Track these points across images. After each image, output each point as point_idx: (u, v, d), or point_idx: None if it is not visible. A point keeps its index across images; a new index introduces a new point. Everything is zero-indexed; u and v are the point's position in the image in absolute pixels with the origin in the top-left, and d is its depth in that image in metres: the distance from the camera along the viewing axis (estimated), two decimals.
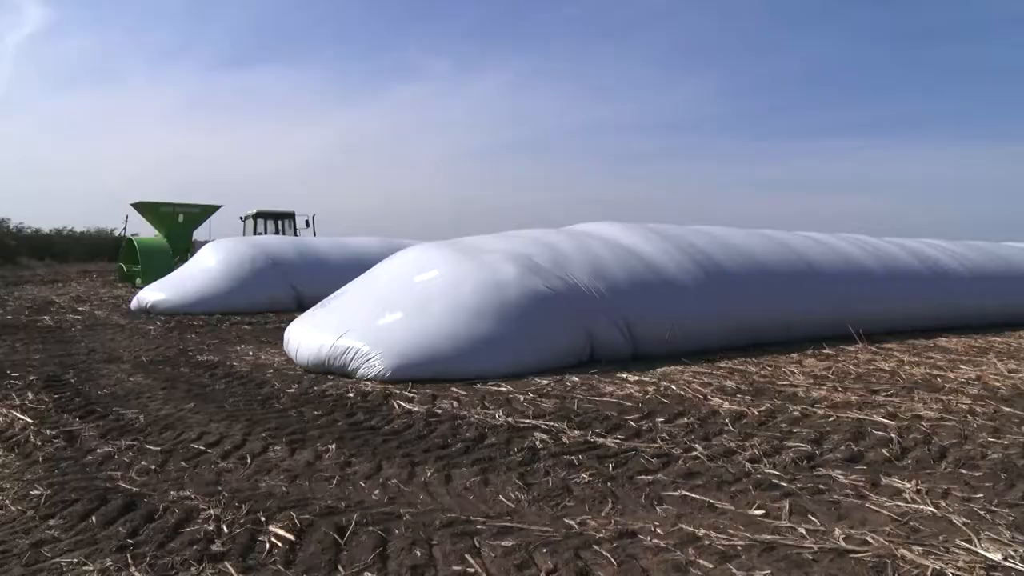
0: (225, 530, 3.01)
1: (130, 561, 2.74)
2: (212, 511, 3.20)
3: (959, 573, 2.67)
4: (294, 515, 3.16)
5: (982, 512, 3.33)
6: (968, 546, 2.92)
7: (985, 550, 2.87)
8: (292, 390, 5.93)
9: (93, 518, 3.16)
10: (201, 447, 4.27)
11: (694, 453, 4.18)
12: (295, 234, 24.66)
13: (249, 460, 4.04)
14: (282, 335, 7.97)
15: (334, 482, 3.69)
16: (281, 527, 3.04)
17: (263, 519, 3.13)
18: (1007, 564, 2.75)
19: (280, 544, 2.89)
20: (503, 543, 2.92)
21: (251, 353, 8.00)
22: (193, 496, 3.42)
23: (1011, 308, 11.71)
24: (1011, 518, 3.26)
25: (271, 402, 5.50)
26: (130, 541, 2.91)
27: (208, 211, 23.43)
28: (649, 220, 9.57)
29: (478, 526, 3.10)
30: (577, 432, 4.60)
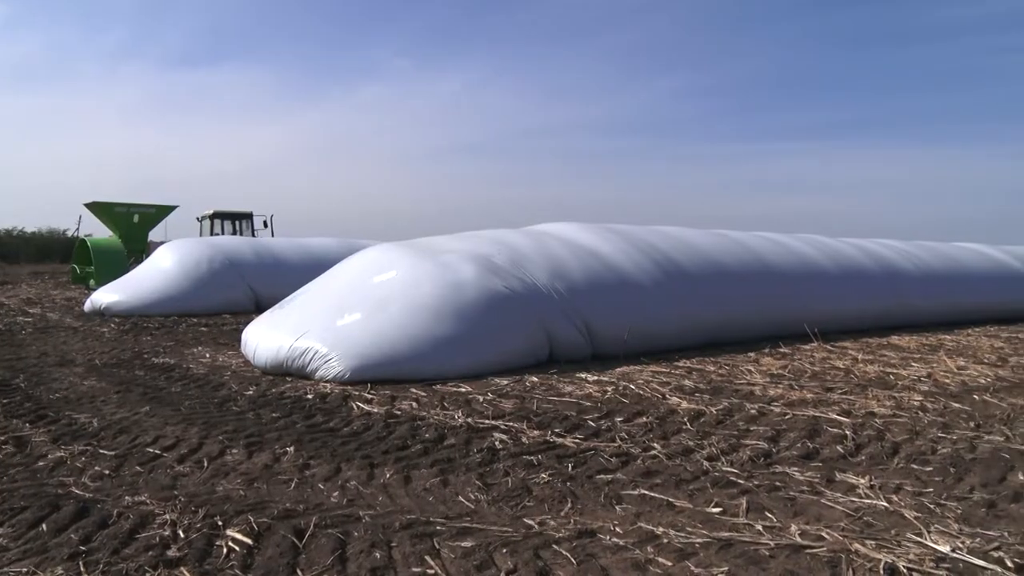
0: (181, 535, 2.97)
1: (82, 569, 2.69)
2: (168, 516, 3.16)
3: (910, 565, 2.73)
4: (252, 519, 3.13)
5: (932, 506, 3.41)
6: (919, 539, 2.98)
7: (935, 543, 2.94)
8: (250, 392, 5.87)
9: (43, 525, 3.10)
10: (157, 451, 4.21)
11: (653, 452, 4.22)
12: (253, 235, 24.44)
13: (206, 464, 3.99)
14: (240, 337, 7.89)
15: (292, 485, 3.66)
16: (238, 531, 3.01)
17: (220, 523, 3.09)
18: (955, 556, 2.83)
19: (237, 548, 2.86)
20: (463, 544, 2.92)
21: (208, 355, 7.90)
22: (148, 501, 3.37)
23: (960, 307, 11.97)
24: (959, 511, 3.34)
25: (228, 404, 5.44)
26: (82, 548, 2.86)
27: (164, 211, 23.14)
28: (609, 220, 9.63)
29: (438, 527, 3.10)
30: (536, 432, 4.61)
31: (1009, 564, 2.77)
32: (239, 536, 2.96)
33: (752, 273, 9.22)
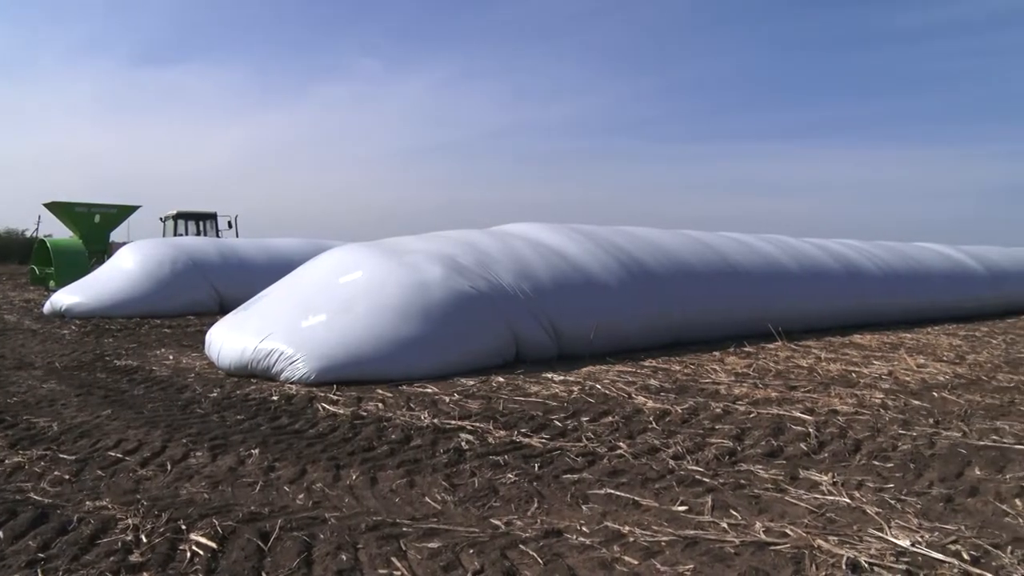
0: (144, 540, 2.93)
1: None
2: (130, 520, 3.11)
3: (871, 560, 2.77)
4: (216, 522, 3.10)
5: (893, 501, 3.46)
6: (880, 534, 3.03)
7: (895, 537, 2.99)
8: (214, 394, 5.81)
9: (0, 532, 3.04)
10: (118, 455, 4.15)
11: (619, 451, 4.24)
12: (217, 235, 24.18)
13: (169, 467, 3.94)
14: (203, 338, 7.80)
15: (257, 487, 3.63)
16: (203, 535, 2.98)
17: (184, 527, 3.05)
18: (914, 550, 2.88)
19: (202, 552, 2.83)
20: (429, 545, 2.92)
21: (171, 357, 7.81)
22: (110, 506, 3.32)
23: (920, 305, 12.19)
24: (919, 506, 3.40)
25: (192, 407, 5.38)
26: (41, 555, 2.81)
27: (126, 211, 22.81)
28: (575, 221, 9.66)
29: (404, 528, 3.09)
30: (503, 432, 4.61)
31: (966, 557, 2.83)
32: (203, 540, 2.93)
33: (717, 273, 9.30)
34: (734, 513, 3.31)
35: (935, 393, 5.99)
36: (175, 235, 23.56)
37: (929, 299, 12.45)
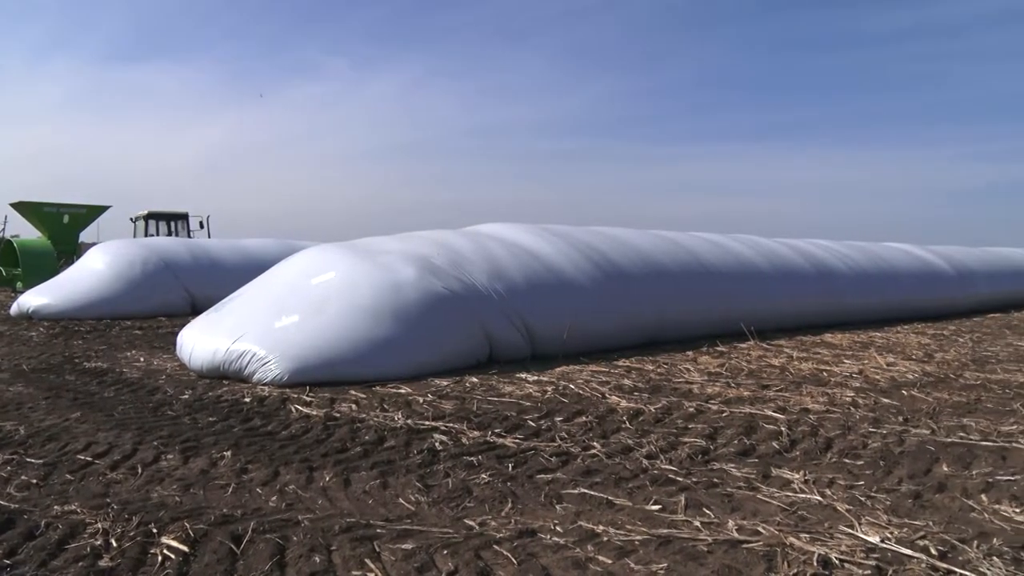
0: (114, 544, 2.90)
1: None
2: (100, 525, 3.08)
3: (842, 557, 2.80)
4: (188, 525, 3.07)
5: (863, 498, 3.50)
6: (850, 531, 3.07)
7: (865, 534, 3.03)
8: (185, 396, 5.75)
9: None
10: (88, 458, 4.10)
11: (592, 451, 4.25)
12: (188, 236, 23.92)
13: (140, 470, 3.90)
14: (175, 340, 7.73)
15: (230, 490, 3.60)
16: (174, 538, 2.95)
17: (155, 531, 3.02)
18: (883, 546, 2.92)
19: (173, 556, 2.81)
20: (403, 546, 2.91)
21: (142, 359, 7.73)
22: (79, 510, 3.28)
23: (890, 305, 12.34)
24: (888, 503, 3.45)
25: (163, 409, 5.33)
26: (7, 562, 2.77)
27: (95, 212, 22.55)
28: (547, 221, 9.67)
29: (378, 530, 3.08)
30: (477, 433, 4.61)
31: (933, 552, 2.87)
32: (174, 543, 2.90)
33: (690, 273, 9.34)
34: (707, 512, 3.33)
35: (904, 391, 6.06)
36: (146, 235, 23.29)
37: (898, 298, 12.60)
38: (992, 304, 14.93)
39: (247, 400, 5.56)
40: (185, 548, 2.87)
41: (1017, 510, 3.39)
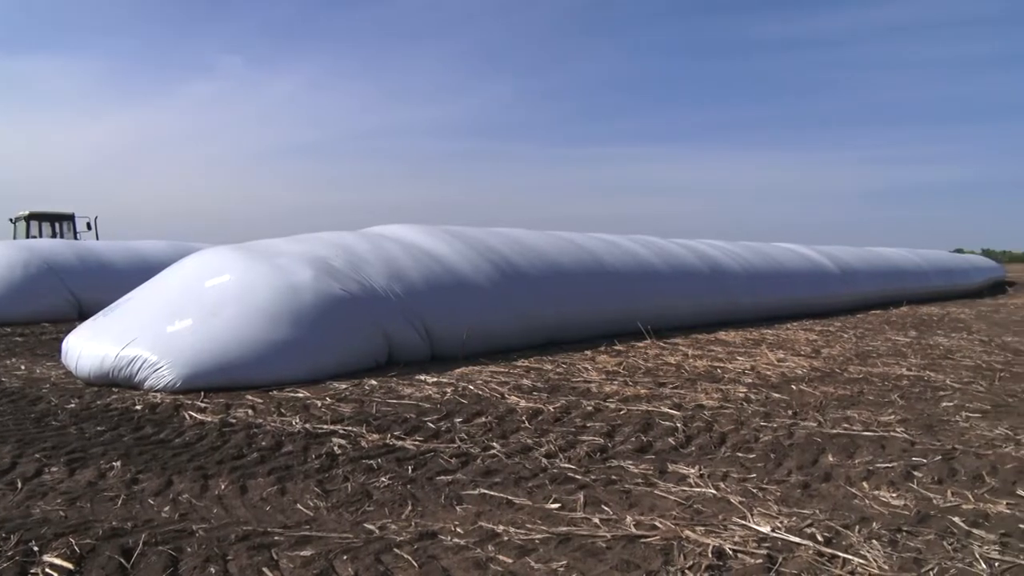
0: None
1: None
2: None
3: (735, 547, 2.89)
4: (73, 541, 2.92)
5: (755, 490, 3.61)
6: (743, 522, 3.16)
7: (757, 524, 3.12)
8: (72, 405, 5.50)
9: None
10: None
11: (492, 451, 4.25)
12: (75, 237, 22.91)
13: (20, 485, 3.70)
14: (60, 347, 7.39)
15: (119, 502, 3.46)
16: (57, 555, 2.80)
17: (36, 549, 2.87)
18: (774, 535, 3.03)
19: (56, 574, 2.67)
20: (302, 553, 2.85)
21: (23, 367, 7.35)
22: None
23: (780, 303, 12.80)
24: (778, 493, 3.57)
25: (47, 419, 5.08)
26: None
27: None
28: (447, 223, 9.65)
29: (275, 537, 3.01)
30: (376, 436, 4.56)
31: (819, 538, 3.00)
32: (57, 561, 2.76)
33: (588, 273, 9.47)
34: (606, 508, 3.37)
35: (793, 386, 6.28)
36: (28, 237, 22.21)
37: (788, 296, 13.08)
38: (873, 301, 15.65)
39: (138, 408, 5.36)
40: (70, 565, 2.73)
41: (894, 495, 3.56)
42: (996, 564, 2.80)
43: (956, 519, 3.23)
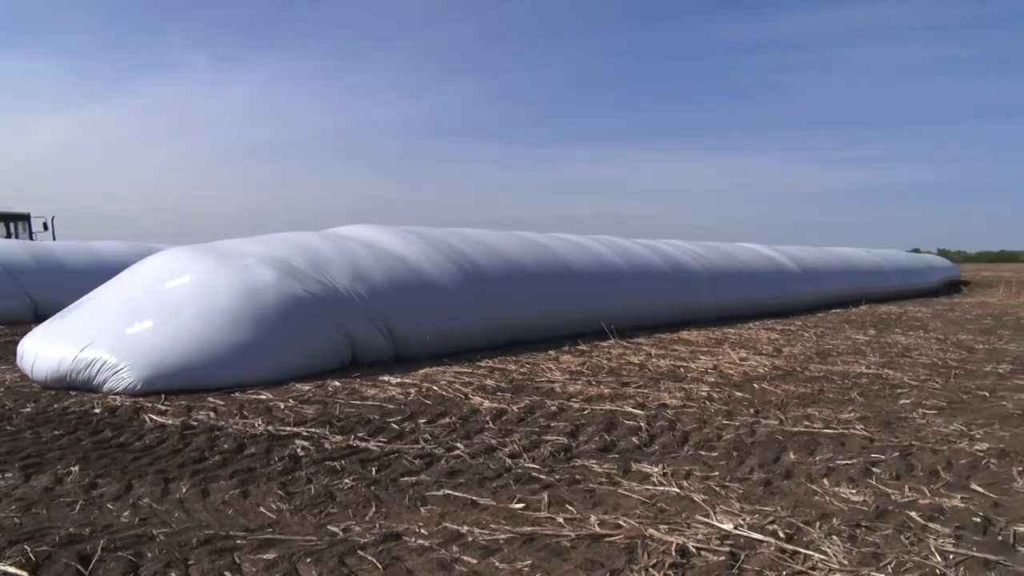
0: None
1: None
2: None
3: (699, 545, 2.91)
4: (28, 548, 2.87)
5: (718, 488, 3.64)
6: (706, 520, 3.18)
7: (720, 522, 3.15)
8: (27, 409, 5.39)
9: None
10: None
11: (456, 452, 4.24)
12: (31, 238, 22.46)
13: None
14: (15, 349, 7.24)
15: (77, 507, 3.40)
16: (12, 564, 2.75)
17: None
18: (737, 532, 3.06)
19: None
20: (265, 556, 2.82)
21: None
22: None
23: (742, 302, 12.93)
24: (741, 491, 3.60)
25: (2, 424, 4.97)
26: None
27: None
28: (409, 223, 9.62)
29: (238, 541, 2.97)
30: (339, 437, 4.53)
31: (781, 535, 3.03)
32: (12, 570, 2.70)
33: (551, 274, 9.49)
34: (570, 508, 3.38)
35: (755, 385, 6.34)
36: None
37: (750, 296, 13.22)
38: (833, 300, 15.86)
39: (97, 411, 5.27)
40: (24, 573, 2.68)
41: (853, 491, 3.61)
42: (951, 556, 2.85)
43: (913, 514, 3.29)
